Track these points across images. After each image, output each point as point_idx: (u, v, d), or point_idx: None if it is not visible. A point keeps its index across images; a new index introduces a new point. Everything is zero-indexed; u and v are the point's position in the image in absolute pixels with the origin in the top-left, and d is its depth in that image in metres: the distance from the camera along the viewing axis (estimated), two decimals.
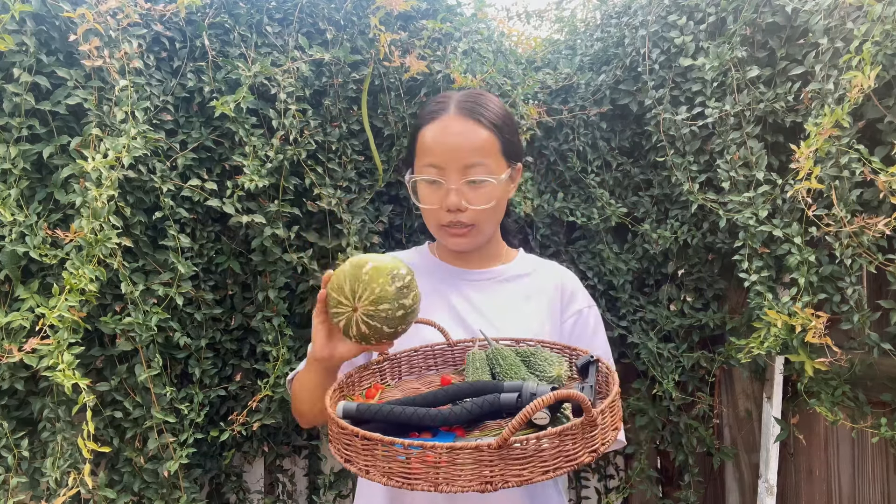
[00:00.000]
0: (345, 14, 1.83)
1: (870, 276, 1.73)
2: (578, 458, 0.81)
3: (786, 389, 1.95)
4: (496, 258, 1.32)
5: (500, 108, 1.22)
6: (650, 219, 2.05)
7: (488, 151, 1.18)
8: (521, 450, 0.78)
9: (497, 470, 0.78)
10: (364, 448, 0.83)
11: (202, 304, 1.75)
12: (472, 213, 1.18)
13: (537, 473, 0.78)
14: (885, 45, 1.43)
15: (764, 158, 1.71)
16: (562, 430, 0.79)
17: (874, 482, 1.82)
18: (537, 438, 0.79)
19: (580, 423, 0.81)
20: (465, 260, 1.30)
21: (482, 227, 1.21)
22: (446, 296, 1.25)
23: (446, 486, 0.78)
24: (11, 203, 1.44)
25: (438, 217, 1.20)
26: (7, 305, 1.54)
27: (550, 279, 1.30)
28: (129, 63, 1.54)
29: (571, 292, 1.29)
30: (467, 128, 1.17)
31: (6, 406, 1.59)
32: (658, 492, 2.26)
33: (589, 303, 1.31)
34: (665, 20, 1.93)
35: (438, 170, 1.17)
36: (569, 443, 0.80)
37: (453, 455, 0.77)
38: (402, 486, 0.80)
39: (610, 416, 0.87)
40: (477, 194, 1.17)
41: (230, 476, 1.97)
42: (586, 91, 2.10)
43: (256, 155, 1.66)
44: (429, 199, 1.20)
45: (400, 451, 0.79)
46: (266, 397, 1.75)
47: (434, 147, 1.17)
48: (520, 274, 1.30)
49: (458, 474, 0.78)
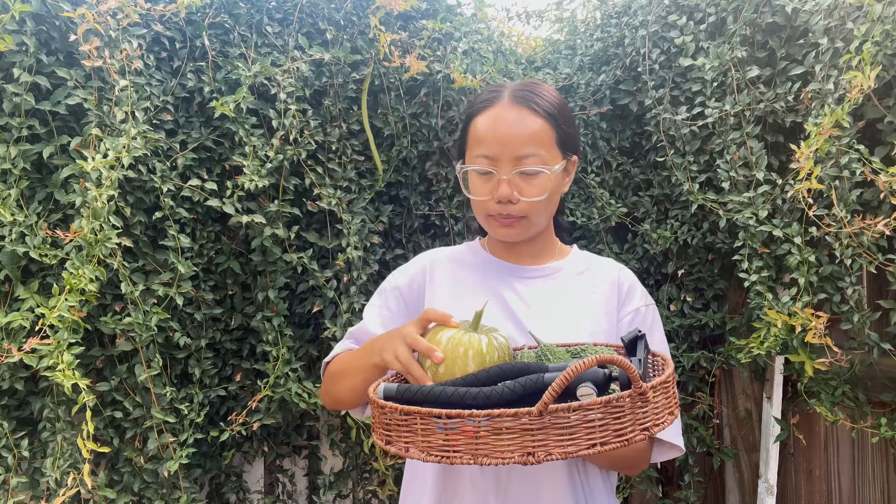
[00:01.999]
0: (345, 14, 1.83)
1: (870, 276, 1.73)
2: (628, 433, 0.76)
3: (786, 389, 1.95)
4: (549, 254, 1.27)
5: (556, 97, 1.18)
6: (650, 219, 2.05)
7: (542, 141, 1.13)
8: (565, 419, 0.74)
9: (539, 440, 0.73)
10: (403, 424, 0.80)
11: (202, 304, 1.75)
12: (524, 205, 1.13)
13: (583, 446, 0.74)
14: (885, 45, 1.43)
15: (764, 158, 1.70)
16: (608, 400, 0.75)
17: (874, 482, 1.82)
18: (581, 407, 0.74)
19: (628, 394, 0.76)
20: (518, 255, 1.25)
21: (533, 219, 1.16)
22: (498, 292, 1.21)
23: (486, 459, 0.74)
24: (11, 203, 1.44)
25: (488, 208, 1.15)
26: (7, 305, 1.54)
27: (607, 276, 1.25)
28: (129, 63, 1.54)
29: (629, 289, 1.24)
30: (521, 116, 1.13)
31: (6, 406, 1.59)
32: (658, 492, 2.26)
33: (647, 301, 1.26)
34: (665, 20, 1.93)
35: (490, 160, 1.13)
36: (617, 415, 0.76)
37: (492, 423, 0.74)
38: (440, 461, 0.77)
39: (664, 395, 0.82)
40: (530, 186, 1.13)
41: (230, 476, 1.97)
42: (586, 91, 2.10)
43: (256, 155, 1.66)
44: (479, 189, 1.15)
45: (439, 422, 0.76)
46: (266, 397, 1.75)
47: (486, 136, 1.13)
48: (575, 271, 1.26)
49: (498, 445, 0.74)
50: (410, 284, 1.26)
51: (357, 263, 1.79)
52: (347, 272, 1.81)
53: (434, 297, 1.23)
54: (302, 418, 2.02)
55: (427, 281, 1.25)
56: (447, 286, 1.24)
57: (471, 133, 1.18)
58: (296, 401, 1.72)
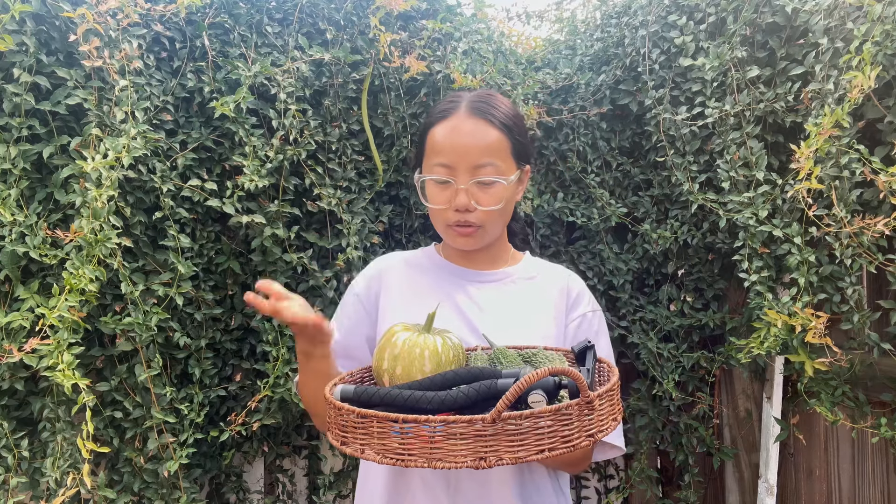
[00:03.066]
0: (345, 14, 1.83)
1: (870, 276, 1.73)
2: (574, 440, 0.81)
3: (786, 389, 1.95)
4: (502, 260, 1.32)
5: (510, 108, 1.21)
6: (650, 219, 2.05)
7: (498, 152, 1.17)
8: (517, 426, 0.78)
9: (491, 446, 0.77)
10: (359, 426, 0.83)
11: (202, 304, 1.75)
12: (481, 213, 1.17)
13: (532, 452, 0.78)
14: (885, 45, 1.43)
15: (764, 158, 1.70)
16: (558, 408, 0.80)
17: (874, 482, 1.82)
18: (532, 415, 0.79)
19: (576, 403, 0.81)
20: (472, 261, 1.29)
21: (489, 228, 1.20)
22: (452, 296, 1.25)
23: (440, 463, 0.77)
24: (11, 203, 1.44)
25: (446, 217, 1.19)
26: (7, 305, 1.54)
27: (556, 282, 1.30)
28: (129, 63, 1.54)
29: (577, 296, 1.29)
30: (478, 128, 1.16)
31: (6, 406, 1.59)
32: (658, 492, 2.26)
33: (594, 307, 1.30)
34: (665, 20, 1.93)
35: (448, 169, 1.16)
36: (565, 422, 0.80)
37: (447, 429, 0.77)
38: (396, 463, 0.80)
39: (609, 403, 0.87)
40: (486, 195, 1.16)
41: (230, 476, 1.97)
42: (586, 91, 2.10)
43: (256, 155, 1.66)
44: (437, 198, 1.19)
45: (395, 426, 0.80)
46: (266, 397, 1.75)
47: (444, 146, 1.17)
48: (526, 276, 1.30)
49: (452, 450, 0.78)
50: (368, 290, 1.30)
51: (357, 263, 1.79)
52: (347, 272, 1.81)
53: (389, 301, 1.27)
54: (302, 418, 2.02)
55: (382, 285, 1.29)
56: (402, 289, 1.28)
57: (428, 142, 1.20)
58: (296, 401, 1.72)
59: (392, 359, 1.04)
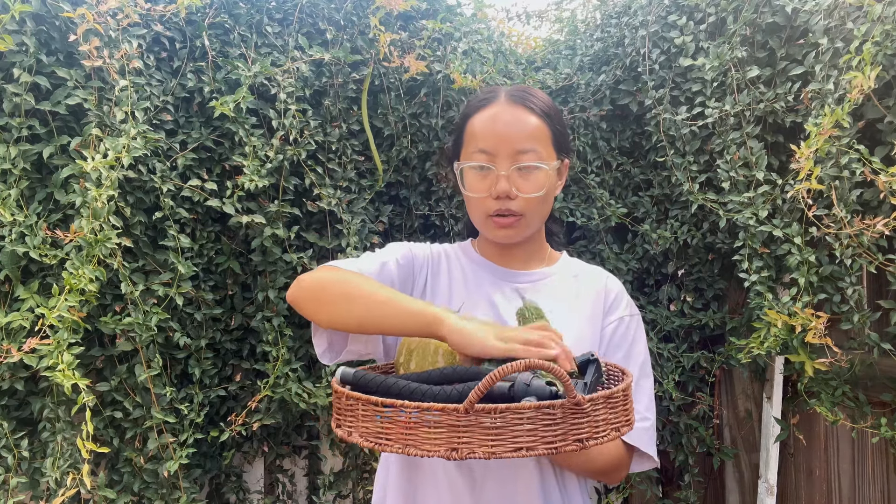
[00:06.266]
0: (345, 14, 1.83)
1: (870, 276, 1.73)
2: (558, 443, 0.78)
3: (786, 389, 1.95)
4: (540, 259, 1.28)
5: (549, 100, 1.20)
6: (650, 219, 2.05)
7: (539, 138, 1.15)
8: (491, 418, 0.76)
9: (465, 438, 0.76)
10: (348, 409, 0.85)
11: (202, 304, 1.75)
12: (522, 201, 1.14)
13: (508, 449, 0.76)
14: (885, 45, 1.43)
15: (764, 158, 1.70)
16: (538, 406, 0.77)
17: (874, 482, 1.82)
18: (508, 409, 0.76)
19: (560, 403, 0.78)
20: (509, 259, 1.26)
21: (529, 218, 1.17)
22: (488, 294, 1.22)
23: (413, 450, 0.78)
24: (11, 203, 1.44)
25: (486, 206, 1.15)
26: (7, 305, 1.54)
27: (594, 283, 1.26)
28: (128, 63, 1.54)
29: (615, 298, 1.25)
30: (518, 114, 1.15)
31: (6, 406, 1.59)
32: (658, 492, 2.26)
33: (632, 311, 1.26)
34: (665, 20, 1.93)
35: (488, 156, 1.14)
36: (548, 422, 0.78)
37: (422, 416, 0.77)
38: (374, 447, 0.80)
39: (607, 409, 0.83)
40: (527, 182, 1.13)
41: (230, 476, 1.97)
42: (586, 91, 2.10)
43: (256, 155, 1.66)
44: (477, 186, 1.16)
45: (376, 410, 0.80)
46: (266, 397, 1.75)
47: (484, 133, 1.15)
48: (563, 277, 1.26)
49: (426, 438, 0.77)
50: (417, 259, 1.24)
51: None
52: None
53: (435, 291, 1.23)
54: (302, 418, 2.02)
55: (431, 271, 1.25)
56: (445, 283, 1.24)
57: (468, 131, 1.19)
58: (296, 401, 1.72)
59: (408, 352, 1.04)
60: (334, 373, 1.80)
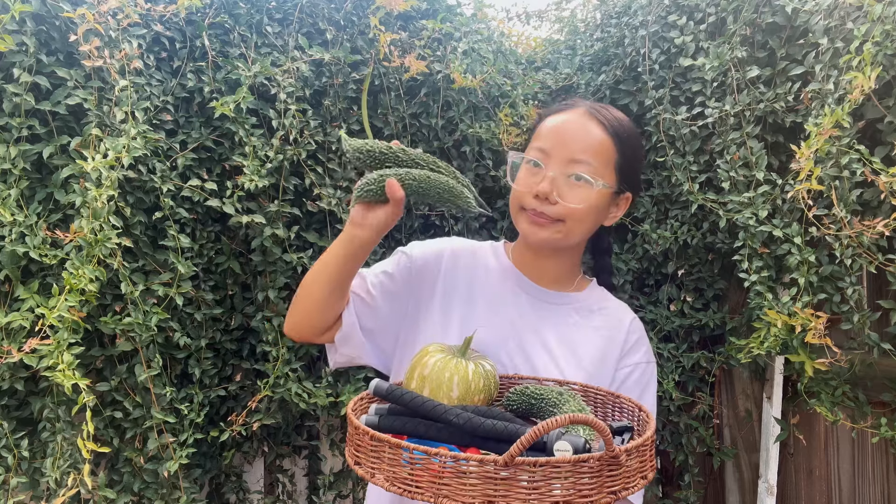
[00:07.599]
0: (345, 14, 1.83)
1: (870, 276, 1.73)
2: (594, 496, 0.76)
3: (786, 389, 1.95)
4: (569, 283, 1.26)
5: (628, 124, 1.17)
6: (650, 219, 2.05)
7: (600, 154, 1.13)
8: (530, 473, 0.74)
9: (501, 490, 0.74)
10: (372, 449, 0.82)
11: (202, 304, 1.75)
12: (561, 208, 1.11)
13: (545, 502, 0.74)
14: (886, 45, 1.43)
15: (764, 158, 1.70)
16: (577, 459, 0.75)
17: (874, 482, 1.82)
18: (548, 463, 0.74)
19: (599, 456, 0.76)
20: (539, 274, 1.23)
21: (569, 225, 1.13)
22: (509, 308, 1.20)
23: (447, 501, 0.75)
24: (11, 203, 1.44)
25: (524, 201, 1.14)
26: (7, 305, 1.54)
27: (617, 322, 1.24)
28: (129, 63, 1.54)
29: (636, 342, 1.23)
30: (587, 125, 1.14)
31: (6, 406, 1.59)
32: (658, 492, 2.26)
33: (649, 358, 1.25)
34: (665, 20, 1.93)
35: (543, 154, 1.13)
36: (585, 477, 0.76)
37: (458, 466, 0.75)
38: (403, 493, 0.77)
39: (638, 459, 0.82)
40: (572, 192, 1.11)
41: (230, 476, 1.97)
42: (586, 91, 2.10)
43: (256, 155, 1.66)
44: (522, 180, 1.14)
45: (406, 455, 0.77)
46: (266, 397, 1.75)
47: (548, 133, 1.14)
48: (589, 308, 1.24)
49: (460, 488, 0.75)
50: (424, 261, 1.23)
51: None
52: None
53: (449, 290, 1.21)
54: (302, 418, 2.02)
55: (442, 269, 1.23)
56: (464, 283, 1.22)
57: (537, 131, 1.19)
58: (296, 401, 1.72)
59: (420, 379, 1.02)
60: (334, 373, 1.82)
